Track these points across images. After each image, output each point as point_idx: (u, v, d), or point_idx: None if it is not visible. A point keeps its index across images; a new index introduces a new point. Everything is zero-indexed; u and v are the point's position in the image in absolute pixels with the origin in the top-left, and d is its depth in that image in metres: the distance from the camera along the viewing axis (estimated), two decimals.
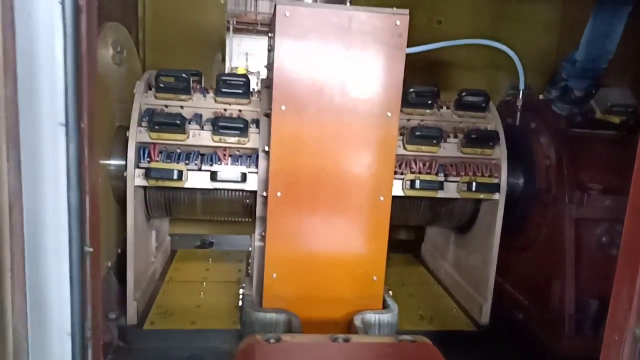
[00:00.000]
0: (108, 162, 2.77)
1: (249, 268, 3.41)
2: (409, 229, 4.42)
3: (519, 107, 3.18)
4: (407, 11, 2.40)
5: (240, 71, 16.82)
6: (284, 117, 2.40)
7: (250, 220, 3.14)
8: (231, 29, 18.05)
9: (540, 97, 3.38)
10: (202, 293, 3.21)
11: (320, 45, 2.36)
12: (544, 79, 3.87)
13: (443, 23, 4.95)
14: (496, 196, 2.89)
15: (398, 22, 2.38)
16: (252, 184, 2.71)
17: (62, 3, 0.90)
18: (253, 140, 2.73)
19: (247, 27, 19.04)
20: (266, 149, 2.59)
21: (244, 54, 19.75)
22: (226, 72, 5.23)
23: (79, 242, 1.03)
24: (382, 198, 2.51)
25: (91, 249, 1.10)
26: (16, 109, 0.93)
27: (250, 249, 3.50)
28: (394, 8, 2.42)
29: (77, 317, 1.06)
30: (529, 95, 3.25)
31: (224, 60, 5.01)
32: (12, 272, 0.98)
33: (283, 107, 2.39)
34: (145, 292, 3.04)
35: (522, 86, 3.16)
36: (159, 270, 3.46)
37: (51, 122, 0.96)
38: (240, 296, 2.79)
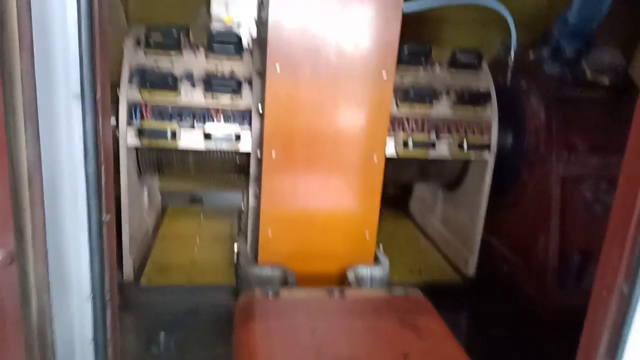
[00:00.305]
0: None
1: (241, 225, 3.46)
2: (397, 185, 4.49)
3: (510, 66, 3.20)
4: None
5: (227, 21, 16.26)
6: (278, 78, 2.39)
7: (240, 177, 3.17)
8: None
9: (531, 55, 3.39)
10: (195, 249, 3.26)
11: (316, 3, 2.32)
12: (534, 36, 3.86)
13: None
14: (486, 156, 2.94)
15: None
16: (246, 144, 2.71)
17: None
18: (246, 99, 2.72)
19: None
20: (260, 109, 2.58)
21: (224, 3, 19.14)
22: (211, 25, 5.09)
23: (97, 211, 1.05)
24: (376, 158, 2.55)
25: (108, 217, 1.13)
26: (33, 82, 0.92)
27: (242, 206, 3.55)
28: None
29: (97, 282, 1.10)
30: (520, 54, 3.26)
31: (209, 12, 4.87)
32: (34, 241, 1.00)
33: (278, 67, 2.37)
34: (140, 249, 3.08)
35: (514, 46, 3.16)
36: (151, 227, 3.49)
37: (67, 94, 0.96)
38: (235, 252, 2.86)
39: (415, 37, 4.18)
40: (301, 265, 2.61)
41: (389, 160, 2.93)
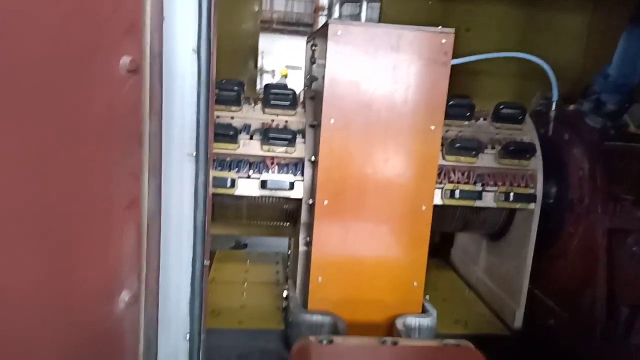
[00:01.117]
0: None
1: (288, 270, 3.55)
2: (439, 234, 4.52)
3: (552, 117, 3.28)
4: (452, 30, 2.51)
5: (283, 73, 16.94)
6: (332, 130, 2.54)
7: (288, 224, 3.28)
8: None
9: (571, 107, 3.48)
10: (244, 293, 3.36)
11: (369, 62, 2.49)
12: (570, 89, 3.96)
13: (471, 31, 5.04)
14: (532, 206, 2.99)
15: (444, 40, 2.50)
16: (298, 191, 2.84)
17: (198, 51, 1.03)
18: (299, 149, 2.87)
19: (263, 26, 19.17)
20: (312, 158, 2.72)
21: (260, 53, 19.91)
22: (258, 76, 5.35)
23: (202, 258, 1.17)
24: (424, 207, 2.63)
25: (208, 263, 1.24)
26: (159, 142, 1.06)
27: (289, 252, 3.65)
28: (440, 27, 2.54)
29: (196, 322, 1.20)
30: (560, 106, 3.34)
31: (256, 67, 5.15)
32: (147, 283, 1.12)
33: (332, 121, 2.53)
34: None
35: (555, 97, 3.25)
36: None
37: (181, 153, 1.09)
38: (284, 297, 2.93)
39: (455, 89, 4.33)
40: (350, 312, 2.67)
41: (434, 209, 3.01)
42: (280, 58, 17.99)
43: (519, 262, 3.12)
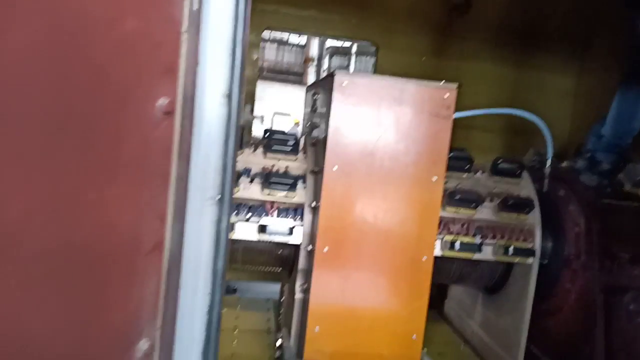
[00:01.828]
0: None
1: (280, 318, 3.46)
2: (434, 286, 4.47)
3: (547, 174, 3.33)
4: (455, 85, 2.58)
5: (295, 122, 17.22)
6: (335, 177, 2.54)
7: (279, 270, 3.22)
8: None
9: (564, 164, 3.54)
10: (235, 341, 3.25)
11: (373, 113, 2.53)
12: (559, 146, 4.05)
13: (463, 87, 5.15)
14: (530, 260, 2.99)
15: (446, 95, 2.56)
16: (297, 237, 2.81)
17: (230, 96, 1.04)
18: (299, 195, 2.85)
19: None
20: (313, 204, 2.71)
21: (260, 101, 20.22)
22: (254, 122, 5.39)
23: (219, 306, 1.13)
24: (424, 258, 2.62)
25: (225, 310, 1.20)
26: (185, 187, 1.05)
27: (282, 299, 3.57)
28: (443, 82, 2.60)
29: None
30: (554, 163, 3.41)
31: (252, 112, 5.21)
32: (162, 331, 1.07)
33: (335, 168, 2.54)
34: None
35: (550, 154, 3.31)
36: None
37: (203, 197, 1.07)
38: (277, 347, 2.85)
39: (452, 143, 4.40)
40: None
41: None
42: (271, 105, 18.27)
43: (517, 318, 3.09)
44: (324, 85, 2.84)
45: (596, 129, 3.34)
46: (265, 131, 3.06)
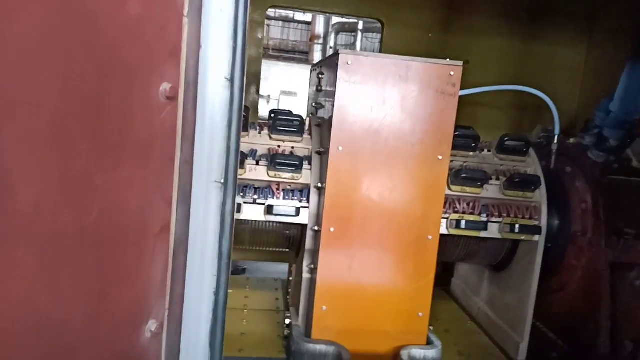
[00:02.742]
0: None
1: (288, 297, 3.51)
2: (441, 263, 4.49)
3: (554, 151, 3.31)
4: (460, 63, 2.55)
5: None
6: (340, 157, 2.54)
7: (287, 250, 3.25)
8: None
9: (571, 141, 3.52)
10: (244, 320, 3.30)
11: (378, 92, 2.51)
12: (567, 122, 4.01)
13: (471, 63, 5.11)
14: (536, 238, 2.99)
15: (452, 73, 2.54)
16: (304, 218, 2.82)
17: (232, 79, 1.04)
18: (305, 175, 2.86)
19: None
20: (319, 185, 2.72)
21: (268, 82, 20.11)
22: (259, 102, 5.38)
23: (225, 287, 1.15)
24: (430, 237, 2.63)
25: (231, 291, 1.23)
26: (190, 170, 1.06)
27: (290, 278, 3.61)
28: (448, 59, 2.58)
29: (217, 353, 1.18)
30: (561, 139, 3.39)
31: (258, 92, 5.19)
32: (170, 311, 1.09)
33: (340, 148, 2.53)
34: None
35: (557, 131, 3.29)
36: None
37: (208, 180, 1.09)
38: (286, 325, 2.89)
39: (459, 121, 4.37)
40: (354, 342, 2.63)
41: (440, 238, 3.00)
42: (276, 84, 18.19)
43: (523, 295, 3.11)
44: (329, 65, 2.82)
45: (604, 105, 3.31)
46: (271, 112, 3.05)
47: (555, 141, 3.30)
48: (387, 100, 2.53)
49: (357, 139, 2.54)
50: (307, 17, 22.15)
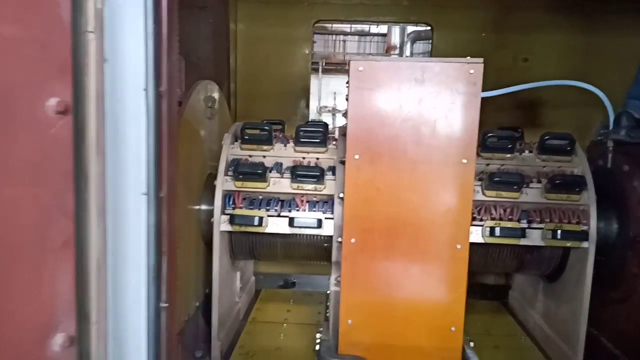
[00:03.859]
0: (199, 207, 2.98)
1: (327, 312, 3.45)
2: (497, 275, 4.23)
3: (610, 148, 3.01)
4: (481, 60, 2.40)
5: None
6: (357, 166, 2.47)
7: (328, 263, 3.21)
8: (320, 70, 18.68)
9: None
10: (282, 335, 3.29)
11: (393, 97, 2.42)
12: None
13: (529, 61, 4.85)
14: (585, 244, 2.72)
15: (472, 71, 2.39)
16: (329, 229, 2.78)
17: (146, 90, 1.05)
18: (329, 186, 2.82)
19: (336, 67, 19.65)
20: (341, 195, 2.66)
21: (332, 93, 20.36)
22: (310, 116, 5.42)
23: (155, 299, 1.15)
24: (459, 246, 2.47)
25: (166, 305, 1.23)
26: (104, 182, 1.08)
27: (328, 291, 3.56)
28: (469, 57, 2.44)
29: None
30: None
31: (307, 107, 5.24)
32: (97, 325, 1.12)
33: (357, 156, 2.47)
34: (229, 332, 3.18)
35: (612, 126, 2.99)
36: (243, 310, 3.61)
37: (136, 192, 1.10)
38: (317, 341, 2.84)
39: (514, 121, 4.11)
40: (383, 357, 2.53)
41: (478, 248, 2.83)
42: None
43: (575, 306, 2.83)
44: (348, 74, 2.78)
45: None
46: (298, 126, 3.05)
47: (610, 138, 3.00)
48: (404, 104, 2.44)
49: (374, 146, 2.46)
50: (383, 29, 22.05)
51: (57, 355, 1.07)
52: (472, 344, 2.66)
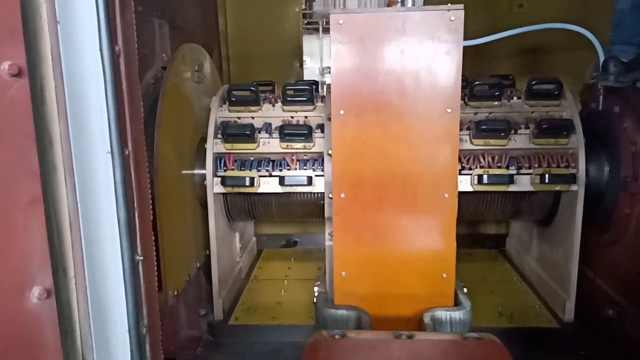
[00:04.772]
0: (192, 171, 3.03)
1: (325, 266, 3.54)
2: (497, 223, 4.26)
3: (601, 90, 2.99)
4: (461, 6, 2.37)
5: None
6: (343, 121, 2.48)
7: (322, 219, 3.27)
8: (320, 29, 18.36)
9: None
10: (283, 290, 3.39)
11: (375, 49, 2.41)
12: None
13: (524, 6, 4.77)
14: (574, 187, 2.74)
15: (453, 18, 2.36)
16: (320, 186, 2.82)
17: (101, 50, 1.07)
18: (318, 144, 2.85)
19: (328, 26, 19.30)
20: (330, 152, 2.69)
21: (310, 56, 20.03)
22: (313, 78, 5.41)
23: (129, 252, 1.21)
24: (447, 195, 2.50)
25: (142, 257, 1.29)
26: (69, 143, 1.11)
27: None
28: (449, 4, 2.40)
29: (132, 316, 1.24)
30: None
31: (301, 66, 5.21)
32: (75, 279, 1.18)
33: (342, 112, 2.47)
34: (231, 290, 3.28)
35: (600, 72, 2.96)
36: (245, 269, 3.70)
37: (101, 151, 1.14)
38: (315, 294, 2.92)
39: (511, 69, 4.06)
40: (378, 307, 2.60)
41: (470, 197, 2.86)
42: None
43: (567, 249, 2.87)
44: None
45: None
46: (284, 85, 3.05)
47: (600, 79, 2.96)
48: (386, 56, 2.42)
49: (358, 100, 2.46)
50: None
51: (36, 307, 1.13)
52: (465, 289, 2.72)
